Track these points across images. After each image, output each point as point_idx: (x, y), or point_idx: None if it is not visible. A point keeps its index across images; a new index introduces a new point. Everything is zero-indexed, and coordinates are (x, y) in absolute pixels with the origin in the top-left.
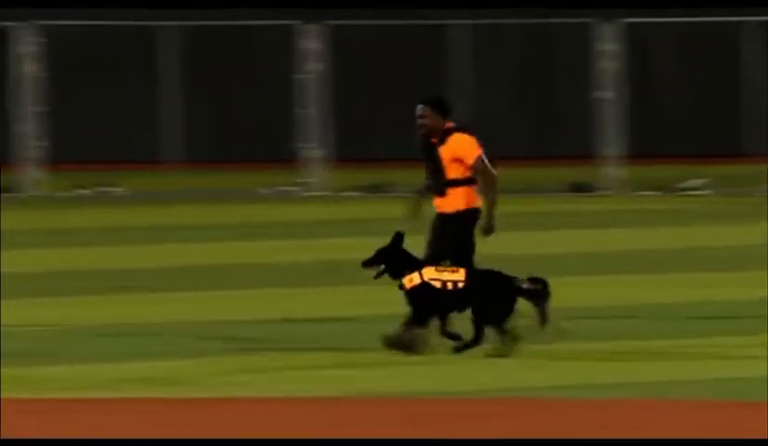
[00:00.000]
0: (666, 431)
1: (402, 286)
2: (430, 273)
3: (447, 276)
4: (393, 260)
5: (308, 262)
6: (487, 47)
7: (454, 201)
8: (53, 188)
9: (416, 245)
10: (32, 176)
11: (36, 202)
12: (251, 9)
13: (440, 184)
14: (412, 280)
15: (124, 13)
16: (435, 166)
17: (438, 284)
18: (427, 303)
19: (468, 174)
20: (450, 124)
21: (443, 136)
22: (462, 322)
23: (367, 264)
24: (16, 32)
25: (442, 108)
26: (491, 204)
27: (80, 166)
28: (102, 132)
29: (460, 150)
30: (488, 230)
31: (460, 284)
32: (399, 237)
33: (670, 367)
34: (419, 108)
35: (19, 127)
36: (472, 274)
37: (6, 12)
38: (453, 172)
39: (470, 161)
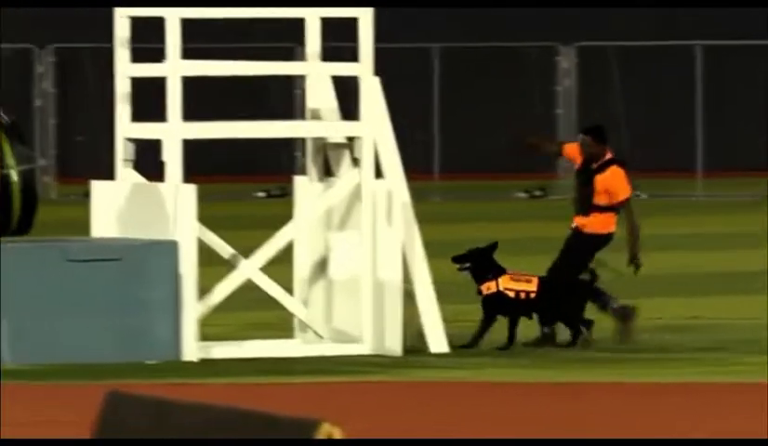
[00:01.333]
0: None
1: (479, 291)
2: (506, 282)
3: (522, 286)
4: (480, 264)
5: None
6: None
7: (595, 224)
8: None
9: None
10: None
11: None
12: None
13: (587, 206)
14: (489, 288)
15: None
16: (588, 189)
17: (512, 294)
18: (497, 310)
19: (612, 203)
20: (610, 155)
21: (604, 165)
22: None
23: (457, 259)
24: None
25: (602, 136)
26: (636, 243)
27: None
28: None
29: (614, 185)
30: (637, 266)
31: (532, 295)
32: (494, 246)
33: None
34: (581, 137)
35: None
36: (545, 283)
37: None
38: (602, 199)
39: (621, 198)
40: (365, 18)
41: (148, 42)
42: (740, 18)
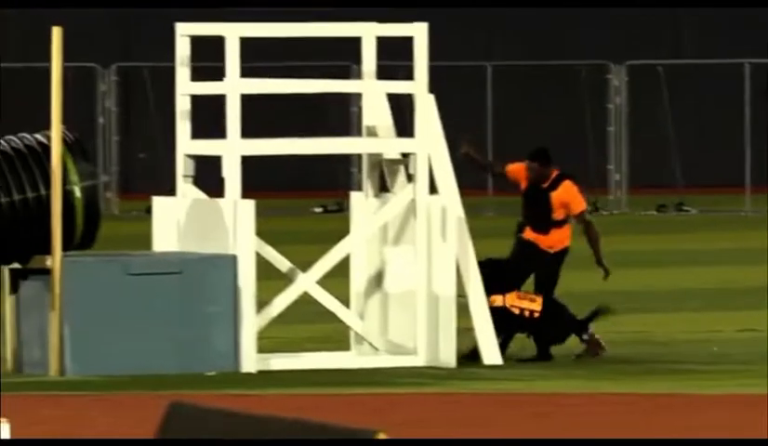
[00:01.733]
0: None
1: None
2: (512, 300)
3: (527, 304)
4: (493, 274)
5: None
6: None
7: (555, 241)
8: None
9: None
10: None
11: None
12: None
13: (545, 223)
14: (495, 300)
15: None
16: (543, 207)
17: (516, 311)
18: (499, 324)
19: (570, 215)
20: (556, 172)
21: (555, 182)
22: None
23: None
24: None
25: (547, 159)
26: (599, 251)
27: None
28: None
29: (570, 199)
30: (606, 273)
31: (536, 314)
32: (507, 260)
33: None
34: (528, 163)
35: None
36: (549, 304)
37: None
38: (560, 214)
39: (577, 210)
40: (420, 36)
41: (207, 60)
42: None
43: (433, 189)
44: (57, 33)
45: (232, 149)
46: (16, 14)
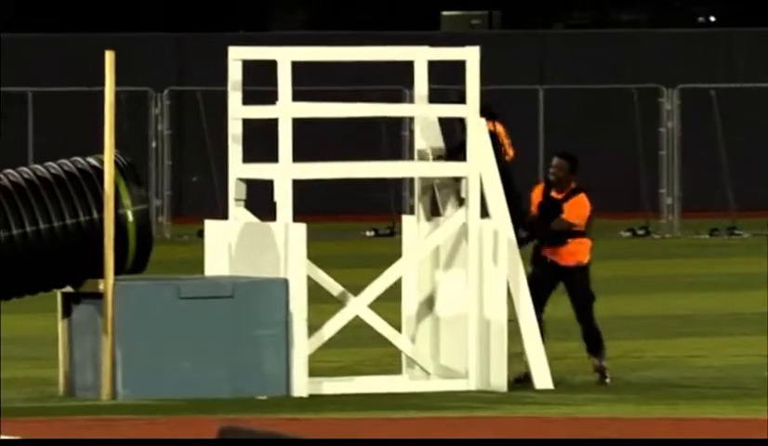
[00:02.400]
0: None
1: None
2: None
3: None
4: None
5: None
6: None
7: (582, 253)
8: None
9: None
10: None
11: None
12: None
13: (561, 233)
14: None
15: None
16: (554, 216)
17: None
18: None
19: (583, 229)
20: (575, 184)
21: (571, 193)
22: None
23: None
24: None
25: (574, 164)
26: (561, 225)
27: None
28: None
29: (577, 207)
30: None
31: None
32: None
33: None
34: (556, 160)
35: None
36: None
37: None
38: (577, 223)
39: (570, 218)
40: (472, 60)
41: (260, 84)
42: None
43: (485, 212)
44: (109, 57)
45: (284, 172)
46: (69, 38)
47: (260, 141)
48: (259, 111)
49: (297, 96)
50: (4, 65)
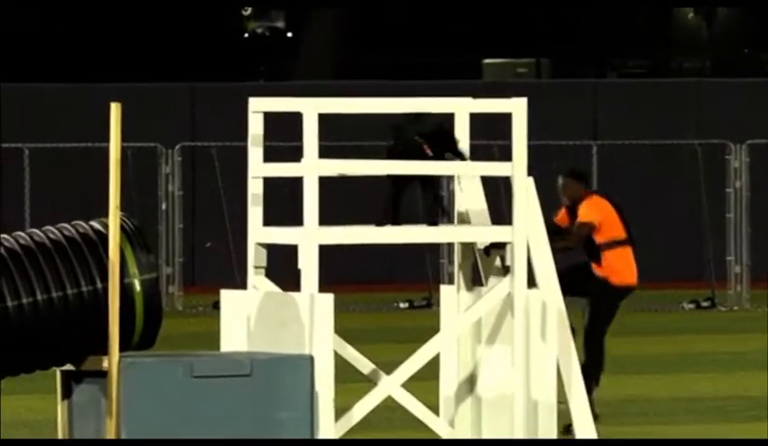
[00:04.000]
0: None
1: None
2: None
3: None
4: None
5: None
6: None
7: (613, 270)
8: None
9: None
10: None
11: None
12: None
13: (593, 250)
14: None
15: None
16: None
17: None
18: None
19: (614, 236)
20: (586, 190)
21: (577, 200)
22: None
23: None
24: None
25: (579, 177)
26: (557, 246)
27: None
28: None
29: (586, 210)
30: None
31: None
32: None
33: None
34: (560, 181)
35: None
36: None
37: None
38: (598, 237)
39: (580, 219)
40: (519, 112)
41: (282, 139)
42: None
43: (532, 282)
44: (115, 109)
45: (310, 237)
46: (70, 88)
47: (283, 202)
48: (282, 169)
49: (323, 151)
50: None
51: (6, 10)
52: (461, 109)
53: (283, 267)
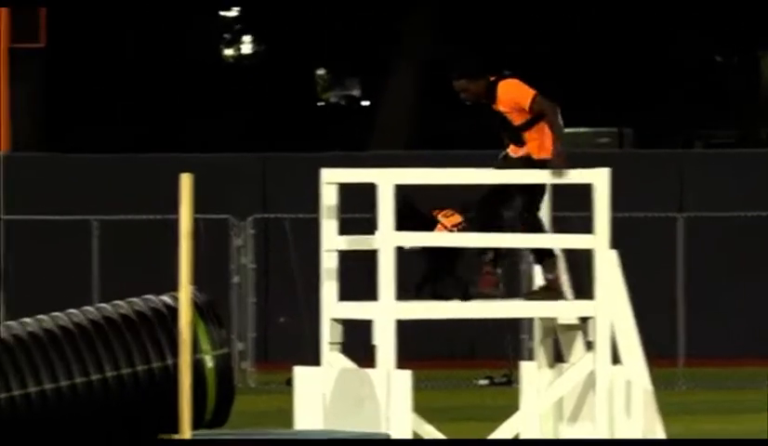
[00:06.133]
0: None
1: None
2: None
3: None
4: None
5: None
6: None
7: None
8: None
9: None
10: None
11: None
12: None
13: (515, 134)
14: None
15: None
16: (503, 124)
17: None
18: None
19: (529, 118)
20: (491, 78)
21: (490, 93)
22: None
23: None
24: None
25: (471, 71)
26: (555, 138)
27: None
28: None
29: (512, 93)
30: (556, 170)
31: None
32: None
33: None
34: (455, 84)
35: None
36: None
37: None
38: (516, 118)
39: (526, 102)
40: (601, 183)
41: (354, 211)
42: None
43: (616, 358)
44: (186, 181)
45: (386, 312)
46: (139, 159)
47: (358, 276)
48: (357, 242)
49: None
50: (64, 189)
51: (81, 79)
52: (542, 180)
53: (356, 338)
